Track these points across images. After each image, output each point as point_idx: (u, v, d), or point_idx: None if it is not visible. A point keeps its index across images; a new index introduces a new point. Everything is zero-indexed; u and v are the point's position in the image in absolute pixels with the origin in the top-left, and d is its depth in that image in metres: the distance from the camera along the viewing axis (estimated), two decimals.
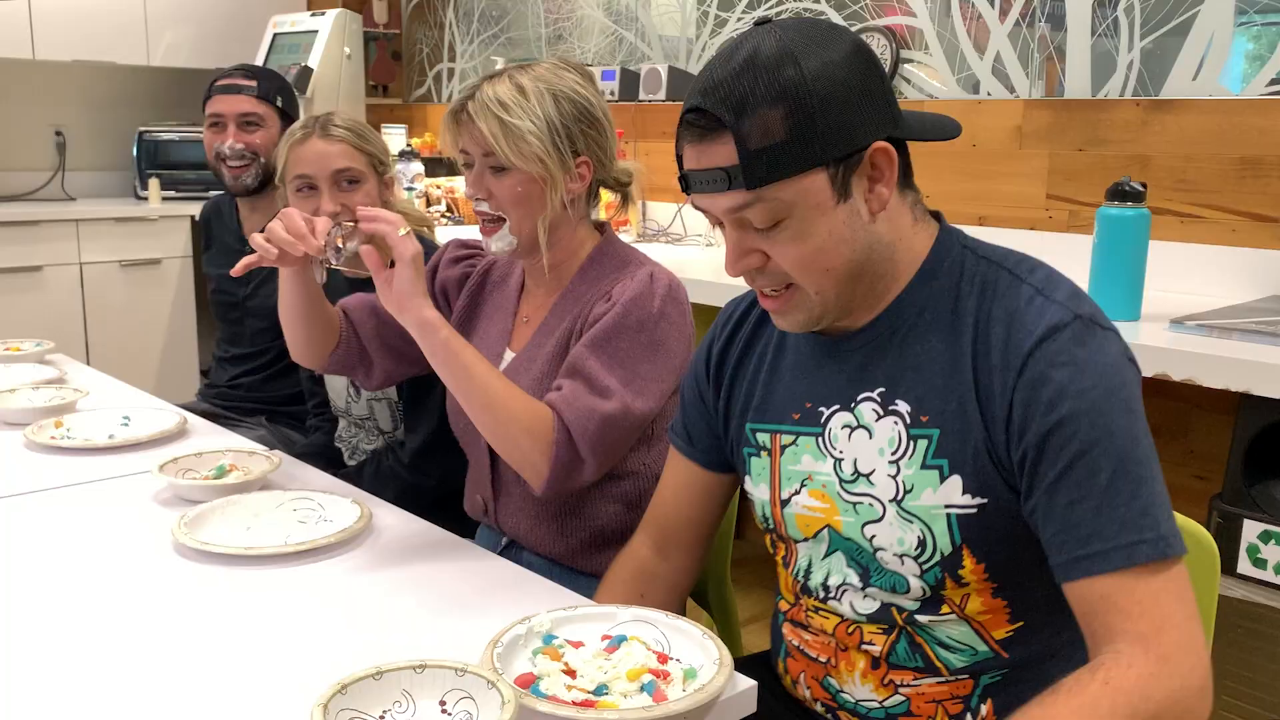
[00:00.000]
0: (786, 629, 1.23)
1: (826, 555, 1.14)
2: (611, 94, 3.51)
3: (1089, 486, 0.95)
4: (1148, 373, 1.80)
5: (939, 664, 1.10)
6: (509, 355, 1.60)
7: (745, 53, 1.00)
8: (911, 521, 1.06)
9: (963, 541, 1.04)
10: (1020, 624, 1.08)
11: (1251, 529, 1.73)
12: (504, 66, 1.52)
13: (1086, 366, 0.97)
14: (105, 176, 4.72)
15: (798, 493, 1.15)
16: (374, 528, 1.37)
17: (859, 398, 1.10)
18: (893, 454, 1.07)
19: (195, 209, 4.21)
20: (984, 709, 1.10)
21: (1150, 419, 1.02)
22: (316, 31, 4.25)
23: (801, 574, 1.18)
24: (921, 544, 1.06)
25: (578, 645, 1.06)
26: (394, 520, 1.40)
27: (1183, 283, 2.31)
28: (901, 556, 1.07)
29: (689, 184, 1.05)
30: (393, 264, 1.34)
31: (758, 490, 1.20)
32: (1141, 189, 1.94)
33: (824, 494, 1.13)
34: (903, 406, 1.07)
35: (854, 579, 1.12)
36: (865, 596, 1.12)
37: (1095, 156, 2.46)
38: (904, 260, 1.08)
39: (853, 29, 2.94)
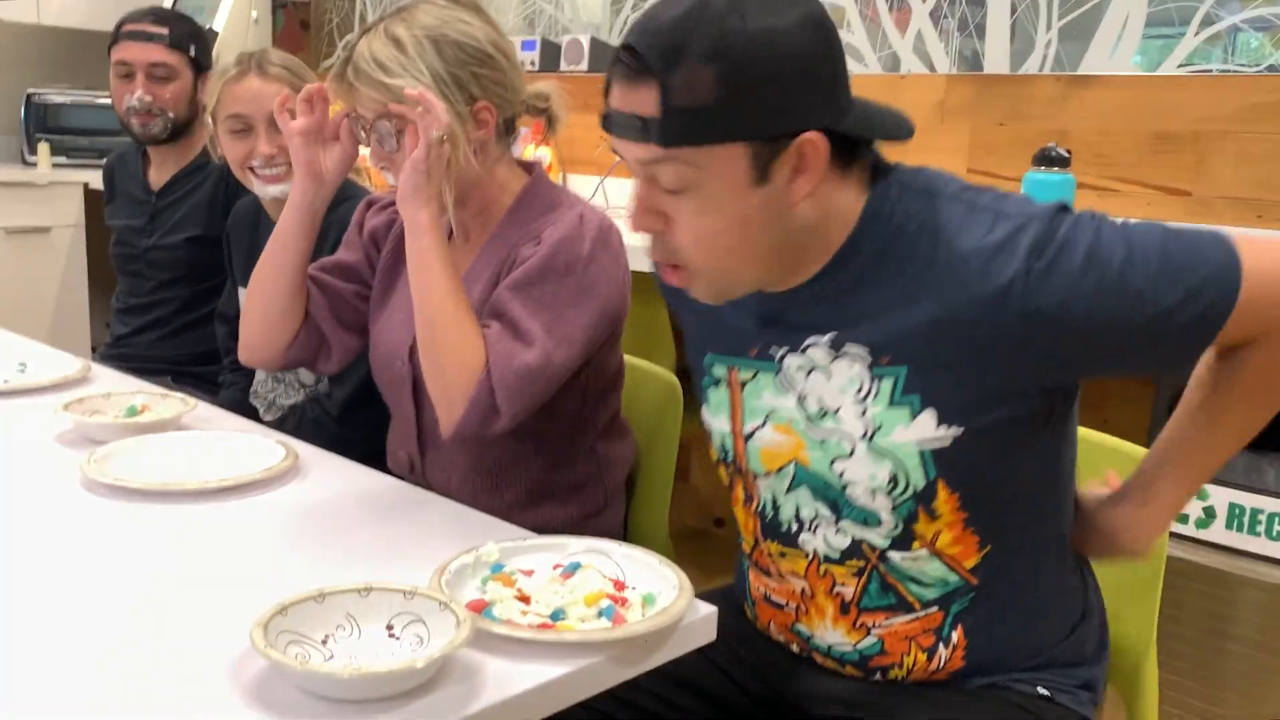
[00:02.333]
0: (752, 575, 1.20)
1: (790, 490, 1.11)
2: (532, 64, 3.45)
3: (1144, 284, 0.94)
4: None
5: (911, 599, 1.09)
6: None
7: (686, 5, 0.93)
8: (884, 457, 1.04)
9: (938, 474, 1.03)
10: (989, 548, 1.07)
11: None
12: (382, 14, 1.42)
13: (1075, 262, 0.94)
14: None
15: (762, 426, 1.11)
16: (300, 468, 1.30)
17: (805, 342, 1.06)
18: (857, 393, 1.04)
19: (89, 176, 4.01)
20: (955, 636, 1.09)
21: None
22: None
23: (768, 509, 1.14)
24: (894, 479, 1.04)
25: (529, 574, 1.01)
26: (322, 461, 1.33)
27: None
28: (874, 491, 1.05)
29: (608, 123, 0.99)
30: None
31: (716, 421, 1.16)
32: (1067, 155, 1.97)
33: (789, 429, 1.09)
34: (857, 349, 1.03)
35: (825, 511, 1.09)
36: (838, 531, 1.09)
37: (1015, 131, 2.50)
38: (836, 229, 1.03)
39: None
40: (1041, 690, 1.09)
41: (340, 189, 1.93)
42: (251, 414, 1.95)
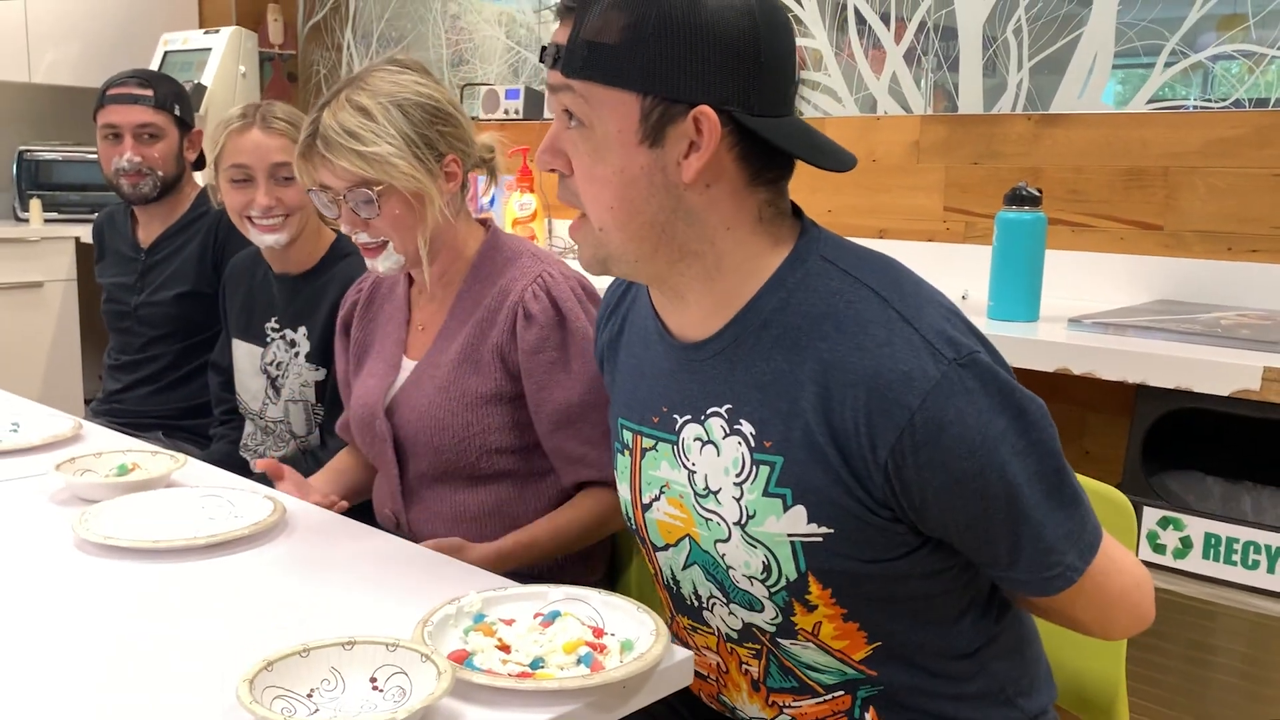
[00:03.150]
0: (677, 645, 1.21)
1: (686, 566, 1.10)
2: (516, 113, 3.51)
3: (993, 534, 0.96)
4: (1049, 368, 1.86)
5: (812, 684, 1.08)
6: (408, 364, 1.58)
7: None
8: (755, 546, 1.02)
9: (808, 568, 1.00)
10: (878, 644, 1.04)
11: (1151, 516, 1.79)
12: (337, 86, 1.46)
13: (968, 420, 0.91)
14: None
15: (658, 498, 1.11)
16: (288, 522, 1.32)
17: (708, 411, 1.04)
18: (737, 475, 1.01)
19: (80, 230, 4.05)
20: (868, 717, 1.07)
21: None
22: (210, 49, 4.16)
23: (670, 583, 1.14)
24: (767, 568, 1.02)
25: (510, 623, 1.04)
26: (309, 515, 1.36)
27: (1077, 289, 2.40)
28: (750, 579, 1.04)
29: (542, 54, 1.00)
30: None
31: (621, 488, 1.17)
32: (1038, 194, 2.01)
33: (681, 503, 1.08)
34: (747, 428, 1.00)
35: (717, 592, 1.08)
36: (730, 613, 1.08)
37: (990, 169, 2.55)
38: (748, 267, 1.00)
39: None
40: None
41: (339, 244, 1.99)
42: (242, 466, 1.98)
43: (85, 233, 3.92)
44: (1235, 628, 1.72)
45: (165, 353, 2.31)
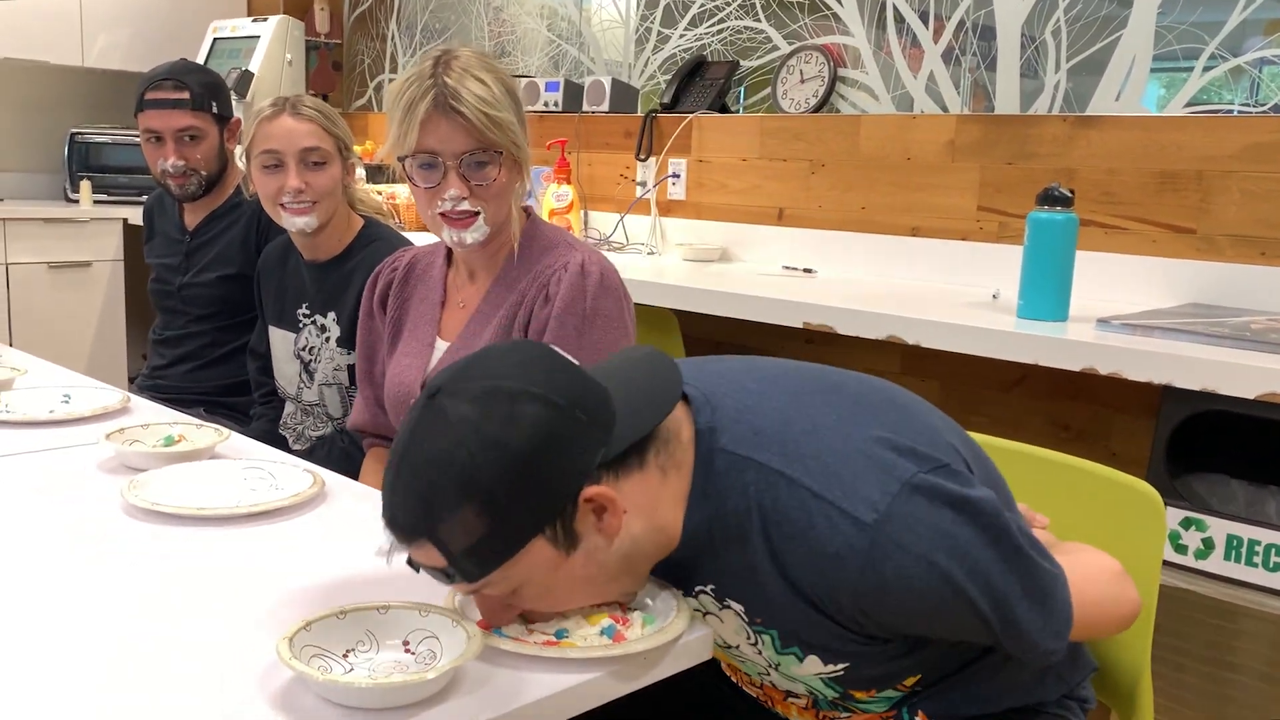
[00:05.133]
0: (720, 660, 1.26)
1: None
2: (555, 105, 3.55)
3: (975, 630, 1.01)
4: (1076, 367, 1.87)
5: (861, 713, 1.15)
6: (441, 344, 1.62)
7: (418, 457, 0.93)
8: (794, 681, 1.11)
9: (845, 689, 1.10)
10: (919, 675, 1.11)
11: (1174, 516, 1.80)
12: (440, 57, 1.49)
13: (909, 570, 0.94)
14: (34, 178, 4.62)
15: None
16: (327, 495, 1.37)
17: (695, 589, 1.09)
18: (748, 639, 1.09)
19: (128, 212, 4.14)
20: (918, 718, 1.14)
21: (1073, 422, 1.06)
22: (258, 37, 4.23)
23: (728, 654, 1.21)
24: (811, 693, 1.13)
25: None
26: (347, 489, 1.40)
27: (1107, 291, 2.40)
28: (796, 695, 1.14)
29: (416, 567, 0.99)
30: None
31: None
32: (1070, 194, 2.02)
33: (719, 650, 1.16)
34: (737, 606, 1.06)
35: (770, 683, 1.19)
36: (787, 688, 1.17)
37: (1024, 170, 2.56)
38: (671, 518, 1.02)
39: (791, 48, 3.03)
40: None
41: (368, 229, 2.03)
42: (281, 444, 2.04)
43: (133, 214, 4.01)
44: (1256, 629, 1.73)
45: (207, 331, 2.38)
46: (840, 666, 1.05)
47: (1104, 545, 1.18)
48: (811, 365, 1.12)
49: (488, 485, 0.90)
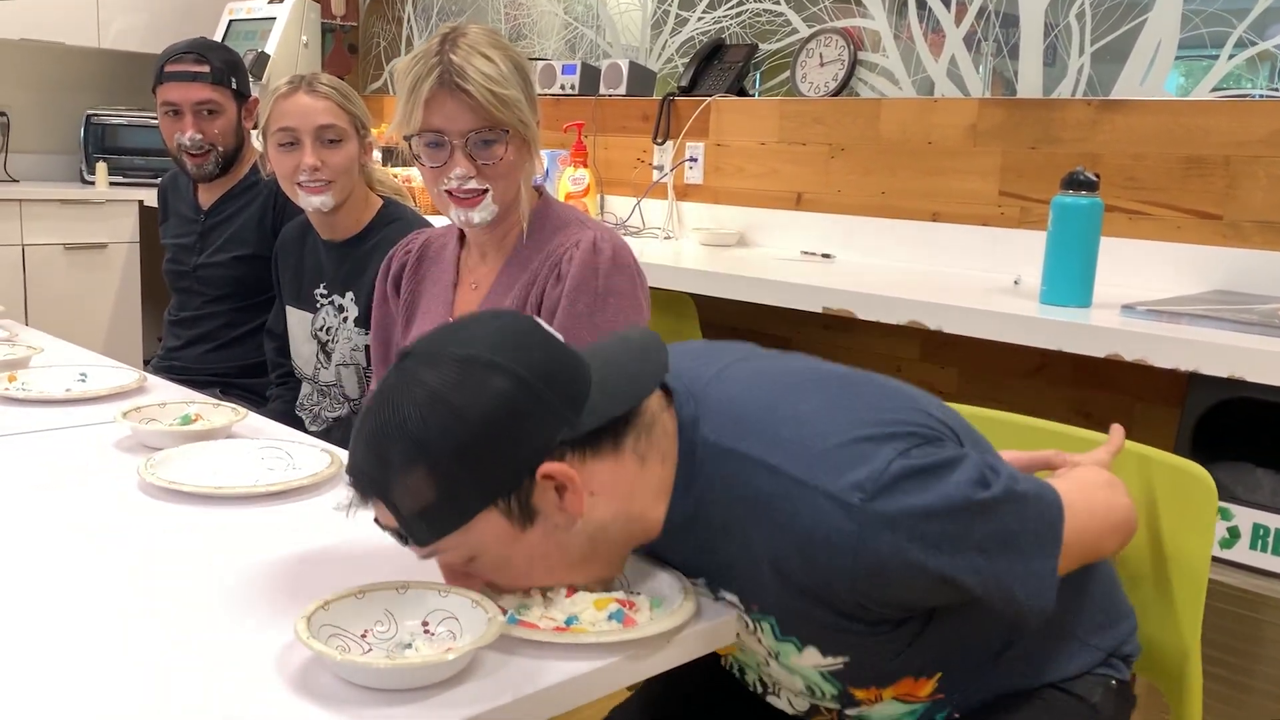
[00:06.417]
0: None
1: (742, 673, 1.20)
2: (572, 88, 3.53)
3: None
4: (1101, 354, 1.85)
5: None
6: None
7: (379, 417, 0.93)
8: (793, 674, 1.09)
9: (845, 685, 1.07)
10: (939, 674, 1.08)
11: None
12: (448, 35, 1.47)
13: (906, 547, 0.92)
14: (50, 159, 4.62)
15: None
16: (344, 475, 1.36)
17: (691, 582, 1.07)
18: (747, 627, 1.06)
19: (144, 194, 4.14)
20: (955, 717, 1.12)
21: (1095, 411, 1.04)
22: (274, 19, 4.22)
23: (733, 669, 1.20)
24: (810, 688, 1.10)
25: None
26: None
27: (1131, 277, 2.38)
28: (797, 693, 1.13)
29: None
30: None
31: None
32: (1095, 179, 2.00)
33: None
34: (731, 596, 1.05)
35: (774, 687, 1.16)
36: (793, 699, 1.16)
37: (1047, 154, 2.53)
38: (660, 497, 1.01)
39: (810, 31, 3.00)
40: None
41: (387, 210, 2.02)
42: (298, 425, 2.03)
43: (149, 196, 4.01)
44: None
45: (223, 312, 2.37)
46: (839, 660, 1.04)
47: (1155, 528, 1.20)
48: (803, 356, 1.12)
49: (435, 452, 0.91)
